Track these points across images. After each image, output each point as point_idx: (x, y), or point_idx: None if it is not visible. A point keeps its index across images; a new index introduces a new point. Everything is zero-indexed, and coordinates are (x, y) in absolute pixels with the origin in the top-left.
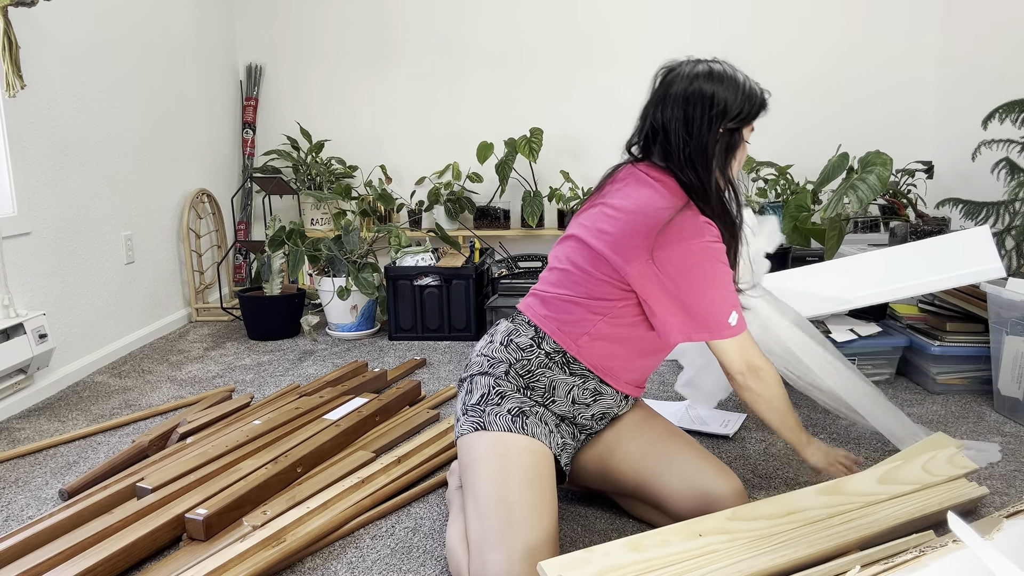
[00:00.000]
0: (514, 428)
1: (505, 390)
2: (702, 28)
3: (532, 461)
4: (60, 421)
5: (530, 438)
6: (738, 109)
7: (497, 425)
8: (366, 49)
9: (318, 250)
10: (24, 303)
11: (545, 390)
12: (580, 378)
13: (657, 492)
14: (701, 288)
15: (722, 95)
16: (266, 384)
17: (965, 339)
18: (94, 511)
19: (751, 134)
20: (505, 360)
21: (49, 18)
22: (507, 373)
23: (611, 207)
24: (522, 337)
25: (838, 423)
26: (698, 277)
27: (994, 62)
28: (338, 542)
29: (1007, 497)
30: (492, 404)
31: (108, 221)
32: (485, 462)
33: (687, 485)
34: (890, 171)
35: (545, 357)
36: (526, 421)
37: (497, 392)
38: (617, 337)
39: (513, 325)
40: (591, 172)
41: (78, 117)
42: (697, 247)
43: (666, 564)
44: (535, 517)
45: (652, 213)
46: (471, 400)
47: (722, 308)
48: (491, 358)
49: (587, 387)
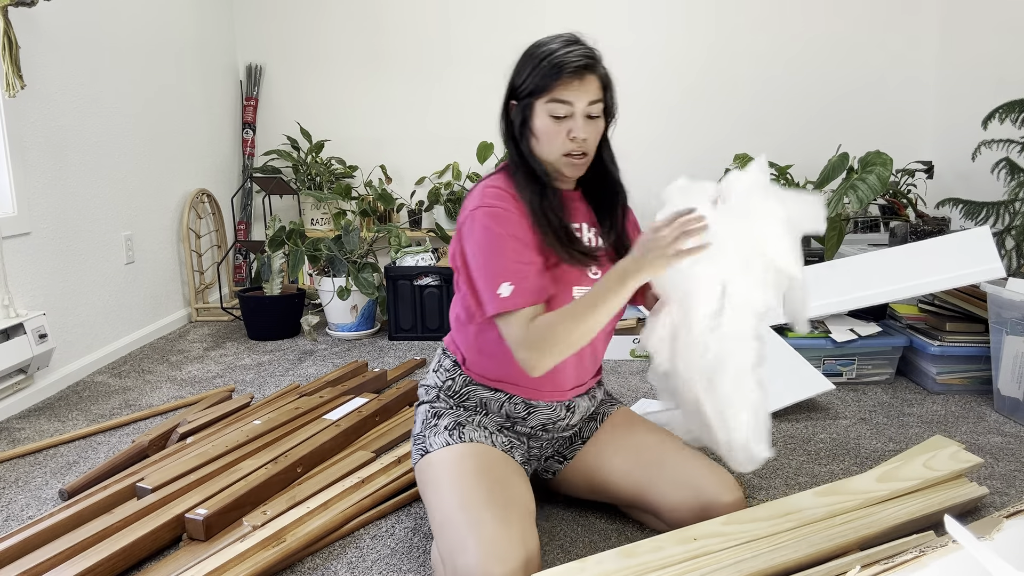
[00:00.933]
0: (451, 440)
1: (440, 410)
2: (702, 28)
3: (475, 462)
4: (60, 421)
5: (471, 443)
6: (521, 83)
7: (438, 444)
8: (366, 49)
9: (318, 250)
10: (24, 303)
11: (477, 405)
12: (505, 394)
13: (652, 502)
14: (478, 253)
15: (513, 72)
16: (266, 384)
17: (965, 339)
18: (94, 511)
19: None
20: (436, 385)
21: (49, 18)
22: (439, 396)
23: None
24: (447, 359)
25: (837, 423)
26: (476, 241)
27: (994, 62)
28: (338, 542)
29: (1007, 497)
30: (430, 427)
31: (108, 221)
32: (436, 479)
33: (680, 487)
34: (890, 171)
35: (464, 379)
36: (463, 431)
37: (434, 413)
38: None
39: (442, 350)
40: None
41: (78, 117)
42: (468, 218)
43: (660, 567)
44: (492, 510)
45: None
46: (415, 430)
47: (492, 279)
48: (426, 386)
49: (515, 401)
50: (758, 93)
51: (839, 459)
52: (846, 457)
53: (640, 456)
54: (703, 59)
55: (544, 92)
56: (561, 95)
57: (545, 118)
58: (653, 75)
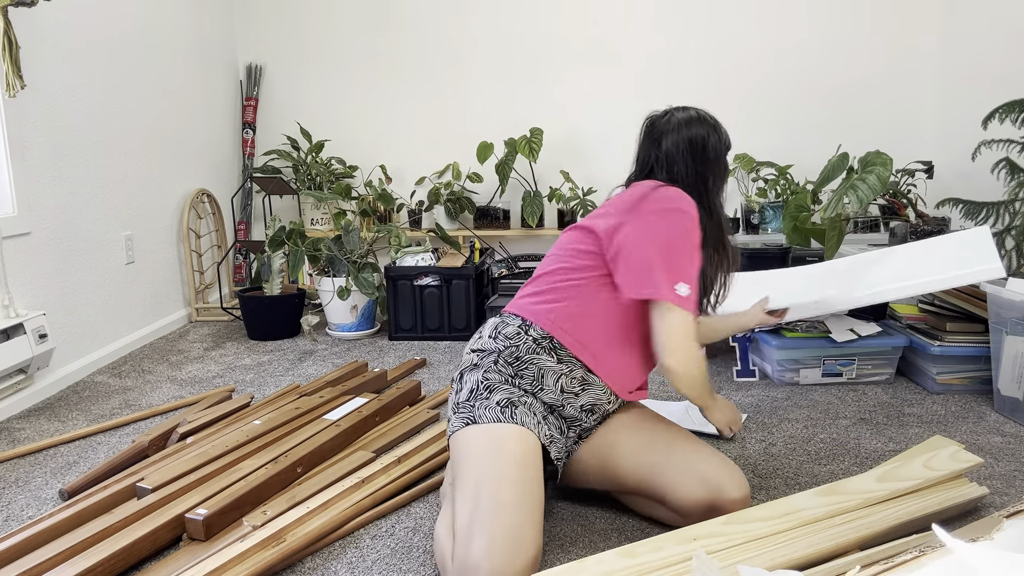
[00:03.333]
0: (503, 419)
1: (493, 382)
2: (702, 28)
3: (520, 448)
4: (60, 421)
5: (519, 427)
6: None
7: (487, 418)
8: (366, 49)
9: (318, 250)
10: (24, 303)
11: (533, 378)
12: (567, 366)
13: (659, 485)
14: (665, 240)
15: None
16: (266, 384)
17: (965, 339)
18: (94, 511)
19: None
20: (494, 350)
21: (49, 18)
22: (496, 362)
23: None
24: (509, 327)
25: (837, 423)
26: (675, 229)
27: (994, 62)
28: (338, 542)
29: (1007, 497)
30: (481, 398)
31: (108, 221)
32: (473, 452)
33: (688, 474)
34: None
35: (533, 343)
36: (515, 411)
37: (486, 386)
38: (592, 313)
39: (500, 319)
40: (591, 172)
41: (78, 117)
42: (677, 209)
43: (660, 567)
44: (519, 503)
45: (642, 187)
46: (460, 397)
47: (676, 271)
48: (480, 351)
49: (574, 376)
50: (758, 93)
51: (839, 459)
52: (846, 457)
53: (653, 440)
54: (703, 59)
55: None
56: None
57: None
58: (653, 75)
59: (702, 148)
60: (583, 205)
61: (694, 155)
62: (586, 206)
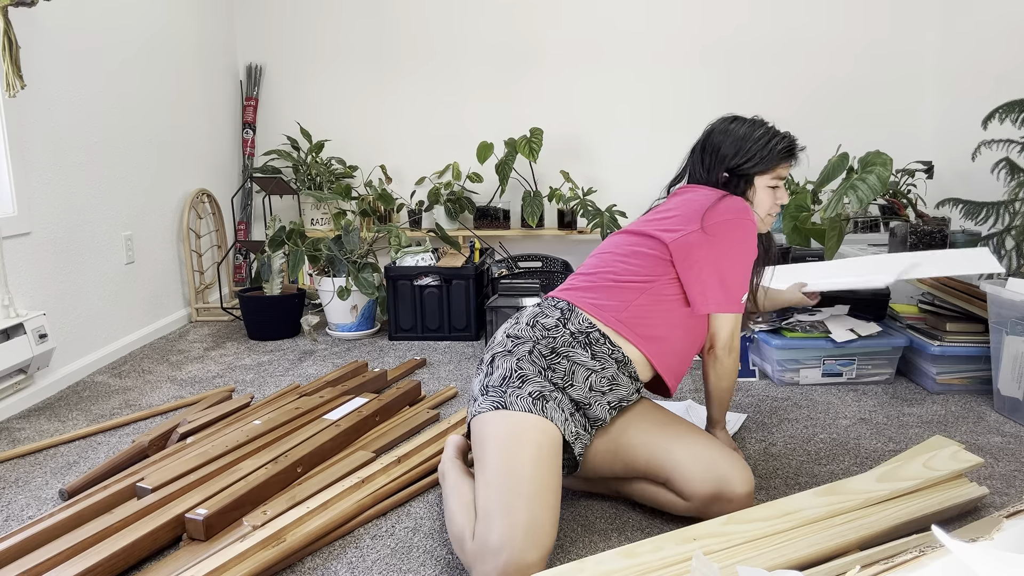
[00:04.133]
0: (534, 410)
1: (527, 373)
2: (703, 28)
3: (544, 441)
4: (60, 421)
5: (547, 420)
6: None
7: (518, 406)
8: (366, 49)
9: (318, 250)
10: (24, 303)
11: (565, 373)
12: (600, 363)
13: (668, 468)
14: (738, 259)
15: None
16: (266, 384)
17: (965, 339)
18: (94, 511)
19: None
20: (530, 339)
21: (49, 18)
22: (531, 352)
23: (660, 207)
24: (548, 318)
25: (837, 423)
26: (740, 249)
27: (994, 62)
28: (338, 542)
29: (1007, 497)
30: (514, 386)
31: (108, 221)
32: (499, 436)
33: (697, 460)
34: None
35: (570, 337)
36: (546, 405)
37: (519, 375)
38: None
39: (540, 308)
40: (591, 172)
41: (78, 117)
42: (745, 222)
43: (660, 567)
44: (541, 493)
45: (695, 198)
46: (492, 381)
47: (743, 284)
48: (515, 338)
49: (605, 374)
50: (758, 93)
51: (839, 459)
52: (846, 457)
53: (664, 425)
54: (703, 59)
55: (768, 172)
56: (780, 173)
57: (763, 190)
58: (653, 75)
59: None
60: (583, 205)
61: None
62: (586, 206)
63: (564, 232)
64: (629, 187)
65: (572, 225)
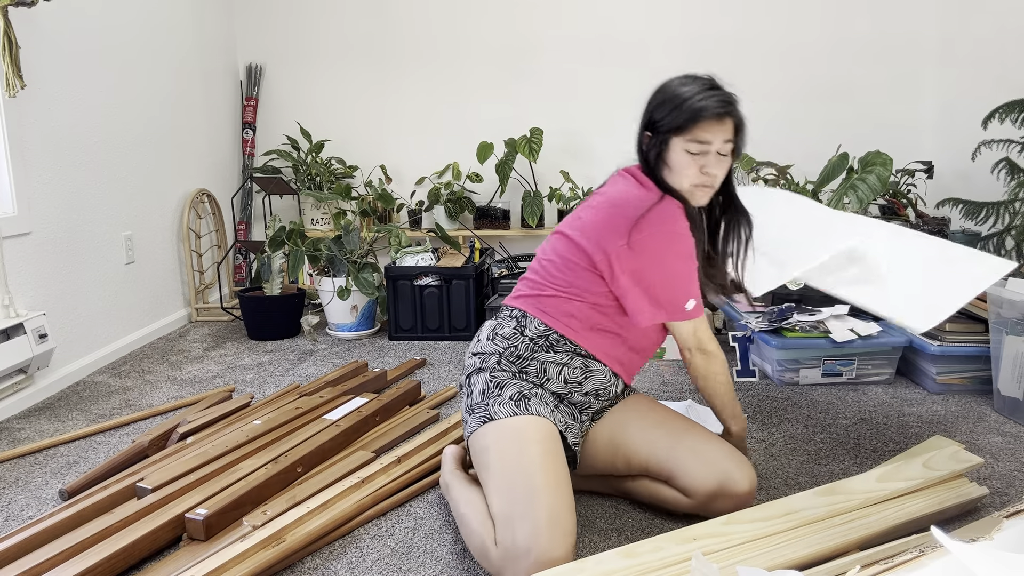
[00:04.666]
0: (519, 411)
1: (502, 379)
2: (703, 28)
3: (539, 436)
4: (60, 421)
5: (536, 417)
6: (660, 119)
7: (503, 413)
8: (366, 49)
9: (318, 250)
10: (24, 303)
11: (537, 372)
12: (567, 356)
13: (669, 465)
14: (668, 272)
15: (650, 103)
16: (266, 384)
17: (965, 339)
18: (94, 511)
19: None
20: (494, 352)
21: (49, 18)
22: (499, 363)
23: (591, 200)
24: (505, 328)
25: (837, 423)
26: (668, 262)
27: (994, 62)
28: (338, 542)
29: (1007, 497)
30: (493, 396)
31: (108, 221)
32: (499, 444)
33: (699, 457)
34: (890, 171)
35: (530, 342)
36: (528, 403)
37: (495, 383)
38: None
39: (496, 321)
40: (591, 172)
41: (78, 117)
42: (672, 233)
43: (660, 567)
44: (554, 486)
45: (625, 202)
46: (473, 399)
47: (683, 295)
48: (481, 354)
49: (575, 364)
50: (758, 93)
51: (839, 459)
52: (846, 457)
53: (665, 422)
54: (702, 58)
55: (683, 131)
56: (699, 136)
57: (681, 154)
58: (653, 75)
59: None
60: None
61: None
62: None
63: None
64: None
65: None
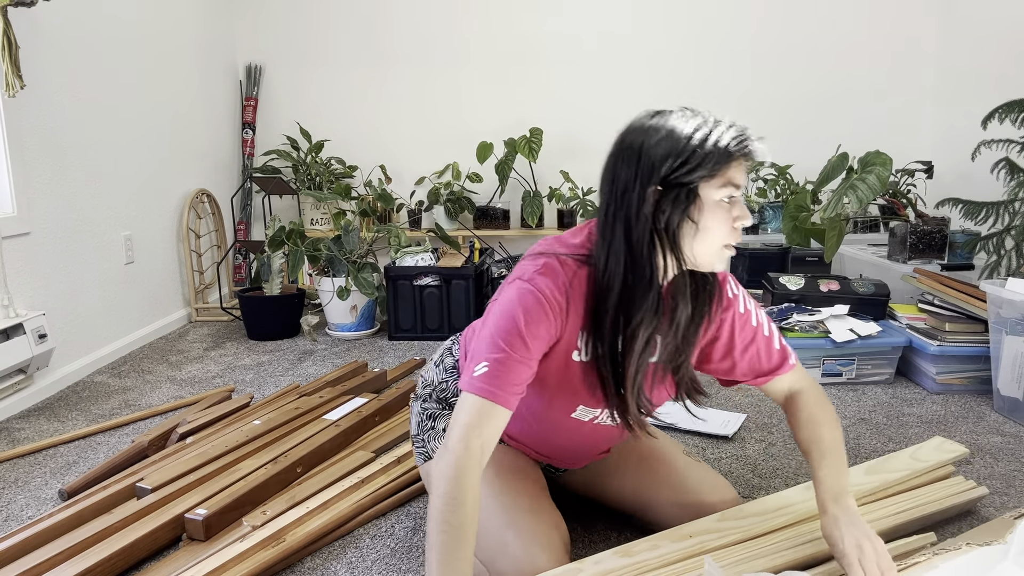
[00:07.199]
0: None
1: (433, 411)
2: (703, 28)
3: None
4: (60, 421)
5: None
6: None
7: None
8: (366, 49)
9: (318, 250)
10: (24, 303)
11: None
12: None
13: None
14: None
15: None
16: (266, 384)
17: (965, 339)
18: (94, 511)
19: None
20: (431, 383)
21: (49, 18)
22: (431, 395)
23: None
24: (450, 358)
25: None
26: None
27: (994, 62)
28: (338, 542)
29: (1007, 497)
30: (428, 429)
31: (108, 221)
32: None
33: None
34: (890, 171)
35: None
36: None
37: (428, 416)
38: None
39: (451, 343)
40: (591, 172)
41: (78, 117)
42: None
43: (657, 566)
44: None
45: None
46: (412, 430)
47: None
48: (424, 379)
49: None
50: (757, 93)
51: None
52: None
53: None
54: (703, 59)
55: (715, 176)
56: (734, 178)
57: (714, 205)
58: (653, 75)
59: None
60: (583, 205)
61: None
62: (586, 206)
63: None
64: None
65: (572, 225)
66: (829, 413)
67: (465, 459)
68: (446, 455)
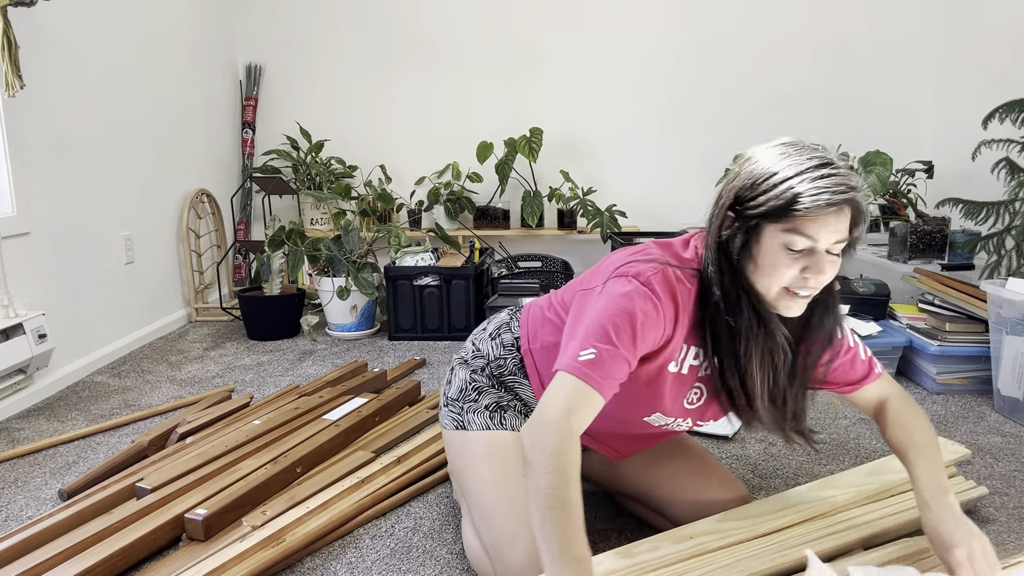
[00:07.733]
0: (492, 424)
1: (481, 385)
2: (703, 28)
3: (517, 451)
4: (60, 421)
5: (511, 432)
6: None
7: (476, 424)
8: (366, 49)
9: (318, 250)
10: (24, 303)
11: (515, 397)
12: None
13: (661, 502)
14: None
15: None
16: (266, 384)
17: (965, 339)
18: (94, 511)
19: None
20: (485, 355)
21: (49, 18)
22: (483, 369)
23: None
24: (507, 335)
25: (837, 423)
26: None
27: (994, 62)
28: (338, 542)
29: (1007, 497)
30: (470, 400)
31: (108, 221)
32: (475, 465)
33: (690, 496)
34: (890, 171)
35: (514, 367)
36: (504, 416)
37: (474, 387)
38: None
39: (509, 317)
40: (591, 172)
41: (78, 117)
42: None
43: (658, 567)
44: None
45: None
46: (450, 392)
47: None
48: (476, 349)
49: None
50: (757, 93)
51: (839, 459)
52: (846, 457)
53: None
54: (703, 59)
55: (783, 219)
56: (805, 229)
57: (776, 248)
58: (653, 75)
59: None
60: (583, 205)
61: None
62: (586, 206)
63: (564, 232)
64: (629, 187)
65: (572, 225)
66: (919, 414)
67: (571, 438)
68: (550, 431)
